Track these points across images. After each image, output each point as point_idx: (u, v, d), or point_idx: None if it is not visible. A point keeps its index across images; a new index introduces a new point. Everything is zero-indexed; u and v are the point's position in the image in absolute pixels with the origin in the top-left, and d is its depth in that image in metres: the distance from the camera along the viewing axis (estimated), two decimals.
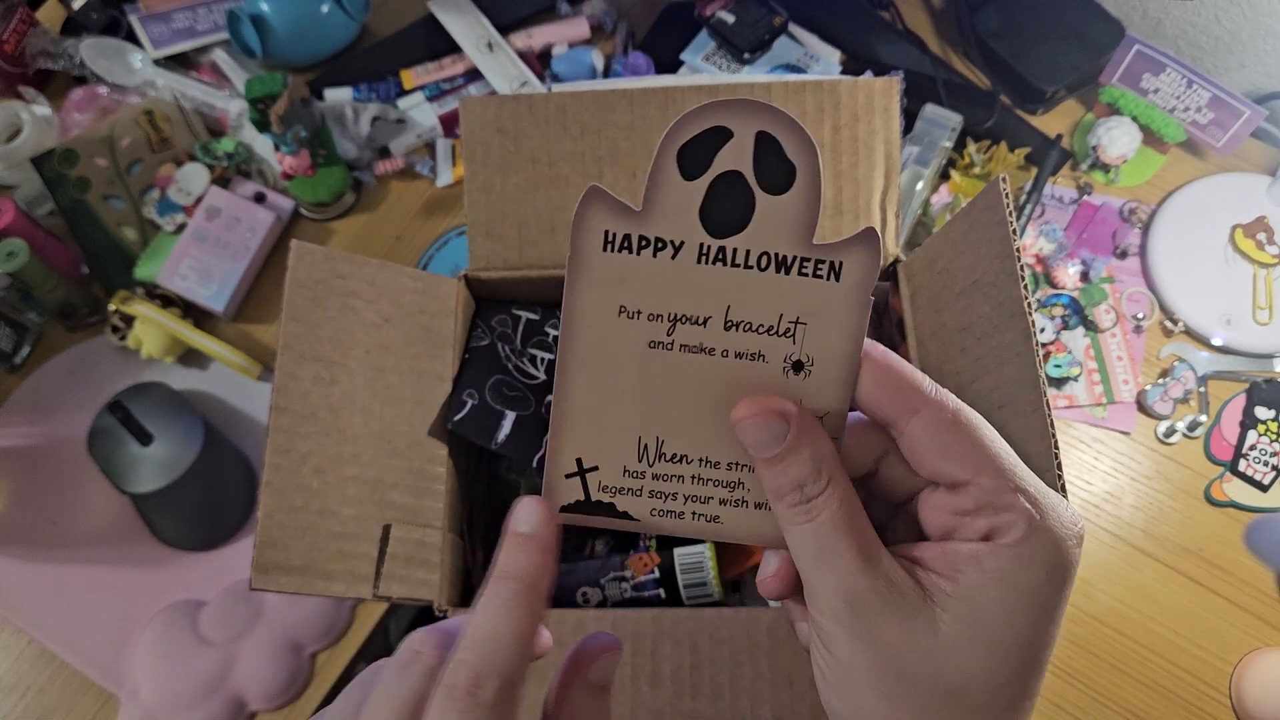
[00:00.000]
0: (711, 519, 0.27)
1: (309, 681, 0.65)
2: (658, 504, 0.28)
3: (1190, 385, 0.71)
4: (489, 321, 0.54)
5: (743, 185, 0.25)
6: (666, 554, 0.50)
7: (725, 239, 0.25)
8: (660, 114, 0.50)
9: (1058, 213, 0.79)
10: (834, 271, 0.26)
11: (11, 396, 0.75)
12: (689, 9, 0.83)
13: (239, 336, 0.77)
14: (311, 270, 0.47)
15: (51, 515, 0.70)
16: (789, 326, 0.26)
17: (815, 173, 0.25)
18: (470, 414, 0.49)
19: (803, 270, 0.26)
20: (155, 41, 0.87)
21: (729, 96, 0.26)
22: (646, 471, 0.27)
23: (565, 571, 0.51)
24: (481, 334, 0.53)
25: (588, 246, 0.26)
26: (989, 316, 0.42)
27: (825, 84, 0.49)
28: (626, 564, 0.51)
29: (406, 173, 0.83)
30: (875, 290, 0.51)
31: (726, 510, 0.27)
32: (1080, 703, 0.64)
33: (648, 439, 0.27)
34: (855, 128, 0.50)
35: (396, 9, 0.91)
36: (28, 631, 0.67)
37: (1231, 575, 0.67)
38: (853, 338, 0.26)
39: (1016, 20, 0.84)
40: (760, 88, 0.50)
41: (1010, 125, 0.81)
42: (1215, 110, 0.76)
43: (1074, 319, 0.74)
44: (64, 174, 0.79)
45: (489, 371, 0.51)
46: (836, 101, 0.50)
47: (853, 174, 0.50)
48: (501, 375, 0.52)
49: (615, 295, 0.26)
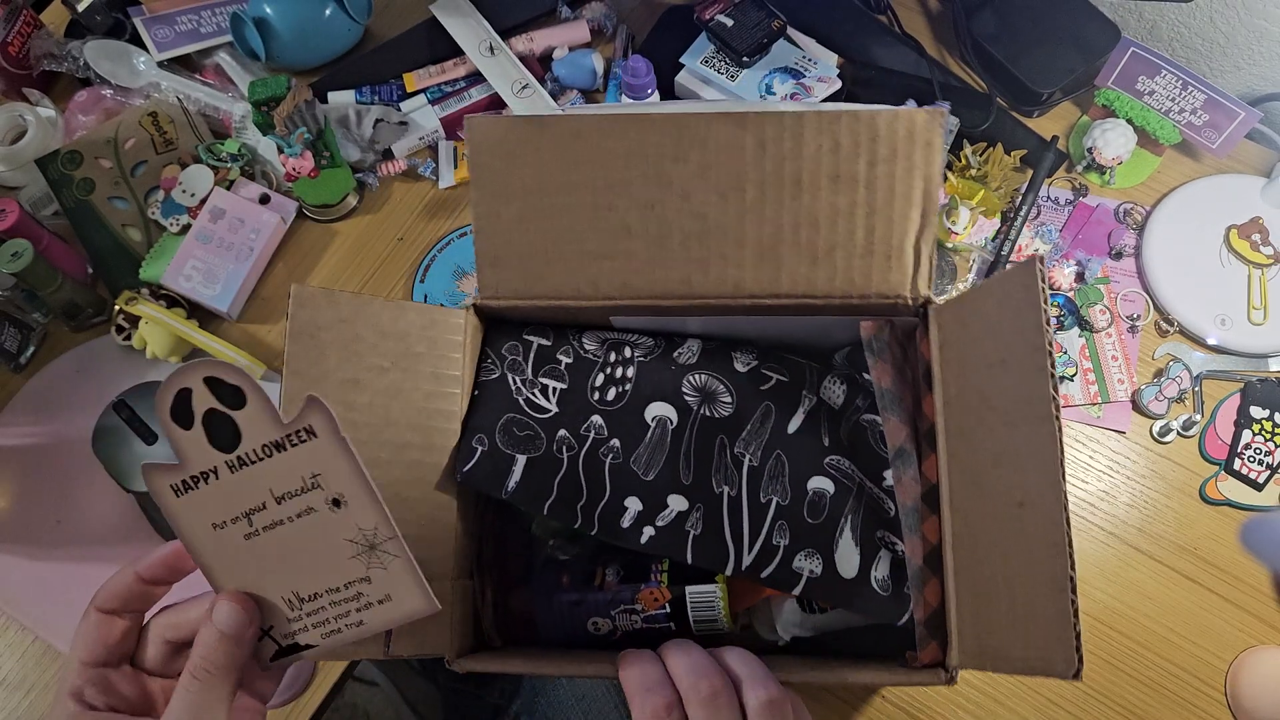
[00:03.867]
0: (357, 624, 0.37)
1: (312, 678, 0.65)
2: (320, 629, 0.37)
3: (1185, 385, 0.72)
4: (499, 349, 0.52)
5: (220, 414, 0.34)
6: (678, 589, 0.49)
7: (235, 451, 0.34)
8: (676, 143, 0.47)
9: (1053, 214, 0.79)
10: (310, 433, 0.34)
11: (16, 396, 0.76)
12: (688, 12, 0.84)
13: (243, 337, 0.78)
14: (313, 315, 0.45)
15: (56, 514, 0.71)
16: (313, 480, 0.35)
17: (253, 384, 0.34)
18: (479, 463, 0.48)
19: (291, 442, 0.34)
20: (159, 44, 0.87)
21: (179, 366, 0.32)
22: (300, 616, 0.37)
23: (575, 603, 0.51)
24: (491, 365, 0.52)
25: (166, 500, 0.35)
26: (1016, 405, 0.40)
27: (863, 115, 0.46)
28: (637, 598, 0.50)
29: (409, 174, 0.84)
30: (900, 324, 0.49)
31: (365, 613, 0.37)
32: (1076, 700, 0.64)
33: (288, 595, 0.37)
34: (893, 164, 0.46)
35: (399, 12, 0.92)
36: (32, 629, 0.67)
37: (1227, 573, 0.67)
38: (353, 467, 0.35)
39: (1012, 23, 0.84)
40: (792, 118, 0.46)
41: (1006, 127, 0.82)
42: (1210, 112, 0.77)
43: (1069, 319, 0.75)
44: (68, 175, 0.80)
45: (499, 410, 0.50)
46: (874, 135, 0.46)
47: (887, 212, 0.47)
48: (512, 413, 0.50)
49: (202, 519, 0.36)
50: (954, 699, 0.64)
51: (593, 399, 0.51)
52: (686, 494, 0.49)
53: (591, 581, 0.51)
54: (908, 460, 0.47)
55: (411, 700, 1.08)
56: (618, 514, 0.49)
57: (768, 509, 0.49)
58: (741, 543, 0.48)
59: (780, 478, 0.49)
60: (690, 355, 0.52)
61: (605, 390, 0.51)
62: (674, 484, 0.49)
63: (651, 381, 0.51)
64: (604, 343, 0.53)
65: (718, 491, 0.49)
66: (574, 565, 0.53)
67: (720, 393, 0.51)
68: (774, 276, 0.48)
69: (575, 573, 0.52)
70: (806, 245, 0.48)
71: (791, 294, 0.48)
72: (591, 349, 0.53)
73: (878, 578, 0.47)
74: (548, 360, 0.52)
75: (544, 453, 0.50)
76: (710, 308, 0.49)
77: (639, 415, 0.51)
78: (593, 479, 0.49)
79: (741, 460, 0.50)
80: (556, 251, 0.49)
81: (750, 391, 0.51)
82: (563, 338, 0.53)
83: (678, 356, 0.52)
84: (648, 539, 0.48)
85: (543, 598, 0.52)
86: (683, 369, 0.52)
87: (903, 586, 0.46)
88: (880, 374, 0.49)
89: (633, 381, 0.51)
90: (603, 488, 0.49)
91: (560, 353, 0.53)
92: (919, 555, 0.45)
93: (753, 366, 0.53)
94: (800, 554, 0.47)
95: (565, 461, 0.50)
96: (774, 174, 0.47)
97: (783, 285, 0.48)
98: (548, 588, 0.52)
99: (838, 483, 0.49)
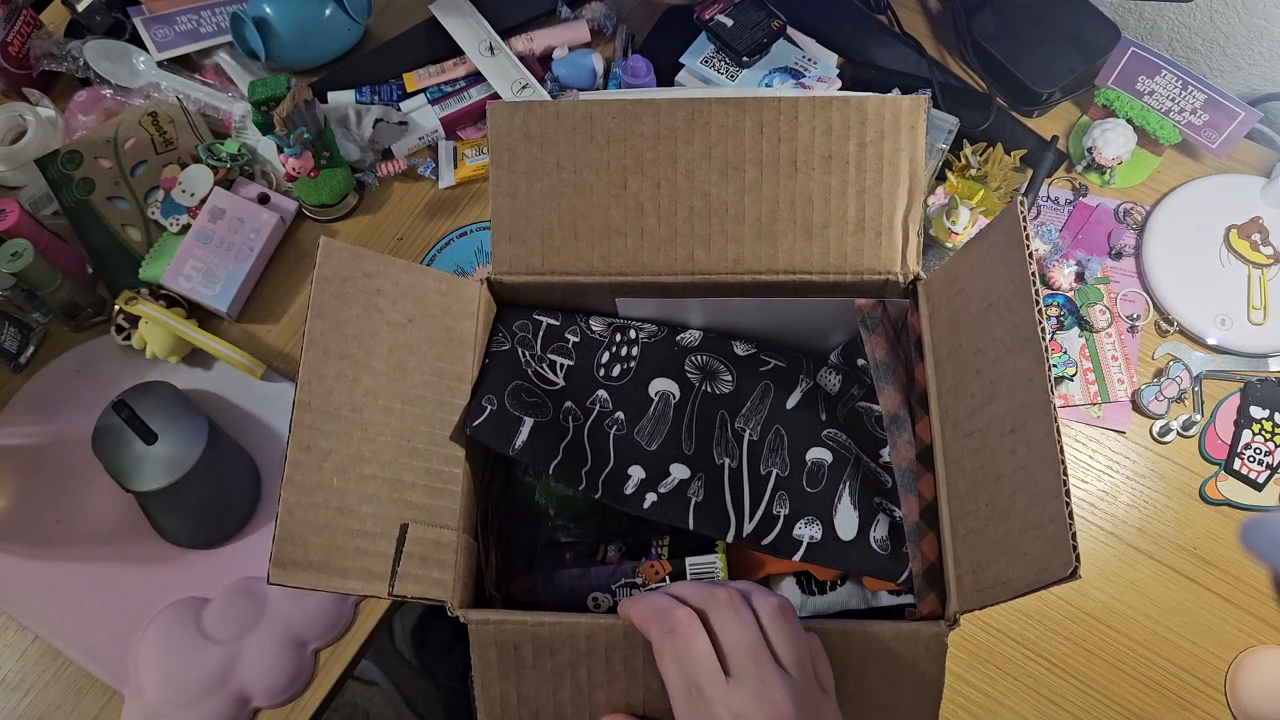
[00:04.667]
0: None
1: (312, 678, 0.65)
2: None
3: (1185, 385, 0.72)
4: (510, 326, 0.54)
5: None
6: (678, 562, 0.51)
7: None
8: (686, 126, 0.50)
9: (1053, 214, 0.79)
10: None
11: (16, 396, 0.76)
12: (688, 12, 0.84)
13: (243, 336, 0.78)
14: (339, 268, 0.47)
15: (56, 514, 0.71)
16: None
17: None
18: (488, 419, 0.49)
19: None
20: (159, 44, 0.87)
21: None
22: None
23: (577, 576, 0.52)
24: (502, 338, 0.53)
25: None
26: (1003, 340, 0.42)
27: (853, 100, 0.49)
28: (638, 571, 0.51)
29: (408, 174, 0.84)
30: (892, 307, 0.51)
31: None
32: (1076, 699, 0.64)
33: None
34: (881, 145, 0.50)
35: (398, 12, 0.92)
36: (32, 629, 0.67)
37: (1226, 573, 0.67)
38: None
39: (1012, 23, 0.85)
40: (788, 102, 0.50)
41: (1006, 127, 0.82)
42: (1210, 112, 0.77)
43: (1069, 319, 0.75)
44: (68, 175, 0.80)
45: (509, 377, 0.52)
46: (863, 118, 0.49)
47: (876, 191, 0.50)
48: (521, 381, 0.52)
49: None
50: (954, 699, 0.64)
51: (598, 375, 0.53)
52: (688, 463, 0.51)
53: (594, 556, 0.53)
54: (902, 425, 0.49)
55: (411, 700, 1.08)
56: (621, 480, 0.50)
57: (768, 480, 0.50)
58: (743, 511, 0.49)
59: (780, 450, 0.51)
60: (692, 340, 0.55)
61: (611, 367, 0.53)
62: (676, 453, 0.51)
63: (655, 360, 0.54)
64: (610, 325, 0.55)
65: (719, 463, 0.51)
66: (577, 546, 0.54)
67: (721, 371, 0.54)
68: (771, 252, 0.51)
69: (579, 551, 0.53)
70: (802, 222, 0.50)
71: (789, 269, 0.51)
72: (599, 330, 0.55)
73: (876, 538, 0.49)
74: (556, 338, 0.54)
75: (551, 418, 0.51)
76: (712, 284, 0.52)
77: (643, 389, 0.53)
78: (597, 447, 0.51)
79: (742, 434, 0.52)
80: (571, 228, 0.51)
81: (750, 372, 0.54)
82: (570, 318, 0.55)
83: (680, 340, 0.55)
84: (650, 505, 0.49)
85: (544, 574, 0.52)
86: (685, 350, 0.54)
87: (901, 547, 0.48)
88: (874, 346, 0.51)
89: (637, 359, 0.54)
90: (607, 456, 0.51)
91: (569, 331, 0.55)
92: (915, 512, 0.47)
93: (752, 353, 0.55)
94: (800, 521, 0.49)
95: (571, 430, 0.51)
96: (771, 155, 0.50)
97: (779, 261, 0.51)
98: (550, 564, 0.53)
99: (835, 453, 0.51)
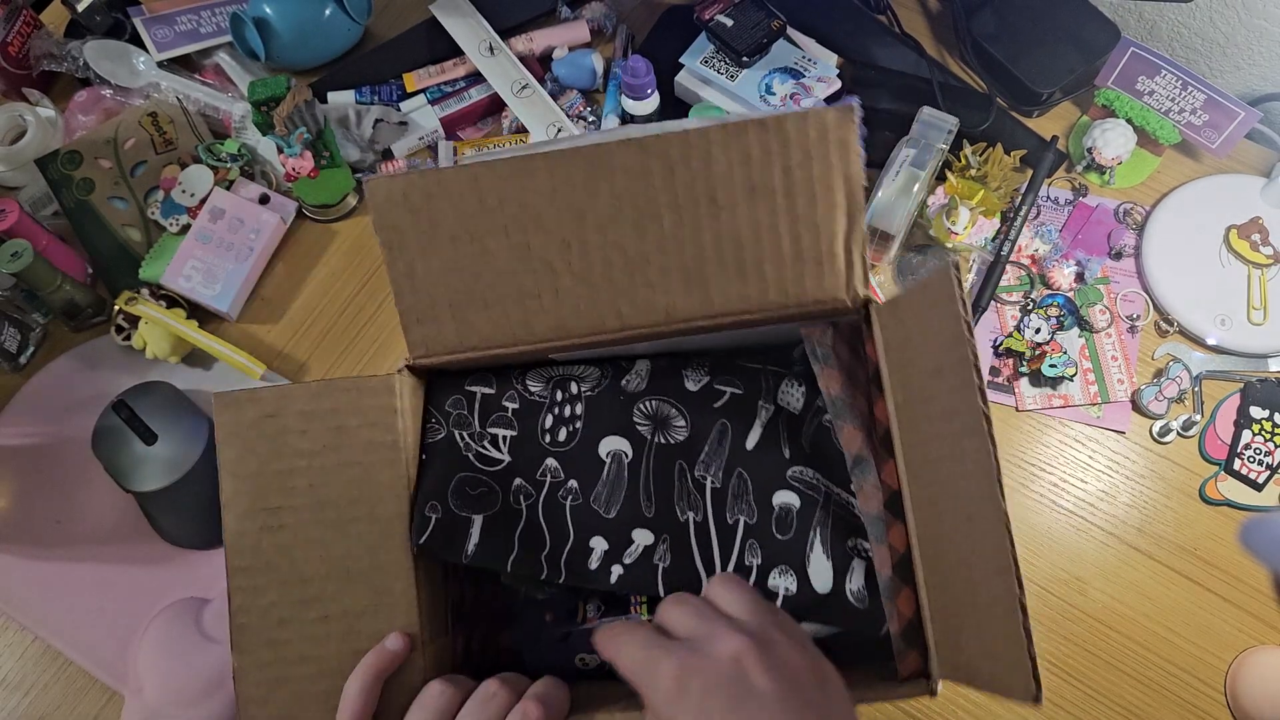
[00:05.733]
0: None
1: None
2: None
3: (1185, 385, 0.72)
4: (442, 407, 0.51)
5: None
6: None
7: None
8: (586, 176, 0.45)
9: (1053, 214, 0.79)
10: None
11: (16, 396, 0.76)
12: (688, 13, 0.84)
13: (243, 336, 0.78)
14: (238, 417, 0.45)
15: (56, 514, 0.71)
16: None
17: None
18: (434, 531, 0.47)
19: None
20: (158, 44, 0.87)
21: None
22: None
23: (560, 638, 0.50)
24: (436, 425, 0.50)
25: None
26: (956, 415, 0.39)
27: (770, 121, 0.44)
28: None
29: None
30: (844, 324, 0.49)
31: None
32: (1076, 700, 0.64)
33: None
34: (810, 167, 0.44)
35: (398, 12, 0.92)
36: (32, 629, 0.67)
37: (1226, 573, 0.67)
38: None
39: (1012, 23, 0.85)
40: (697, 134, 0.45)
41: (1006, 127, 0.82)
42: (1210, 112, 0.77)
43: (1069, 319, 0.75)
44: (68, 175, 0.80)
45: (449, 471, 0.49)
46: (785, 140, 0.44)
47: (810, 218, 0.45)
48: (463, 473, 0.49)
49: None
50: (954, 699, 0.64)
51: (544, 442, 0.50)
52: (650, 526, 0.48)
53: (574, 617, 0.51)
54: (866, 468, 0.47)
55: None
56: (584, 556, 0.48)
57: (736, 529, 0.48)
58: (713, 566, 0.47)
59: (744, 496, 0.49)
60: (639, 381, 0.51)
61: (556, 431, 0.50)
62: (637, 518, 0.48)
63: (601, 416, 0.50)
64: (549, 381, 0.51)
65: (682, 519, 0.48)
66: (554, 602, 0.52)
67: (673, 416, 0.50)
68: (704, 298, 0.47)
69: (558, 608, 0.52)
70: (733, 262, 0.46)
71: (725, 312, 0.47)
72: (537, 390, 0.51)
73: (853, 590, 0.46)
74: (494, 409, 0.51)
75: (500, 507, 0.49)
76: (646, 336, 0.48)
77: (593, 452, 0.49)
78: (554, 524, 0.48)
79: (703, 483, 0.49)
80: (480, 299, 0.47)
81: (704, 410, 0.50)
82: (506, 382, 0.52)
83: (626, 384, 0.51)
84: (617, 579, 0.47)
85: (530, 637, 0.51)
86: (632, 397, 0.50)
87: (878, 598, 0.46)
88: (828, 381, 0.48)
89: (582, 419, 0.50)
90: (565, 532, 0.48)
91: (505, 399, 0.51)
92: (888, 566, 0.45)
93: (704, 383, 0.51)
94: (774, 571, 0.47)
95: (524, 511, 0.49)
96: (687, 195, 0.45)
97: (715, 305, 0.47)
98: (533, 627, 0.51)
99: (802, 495, 0.48)
